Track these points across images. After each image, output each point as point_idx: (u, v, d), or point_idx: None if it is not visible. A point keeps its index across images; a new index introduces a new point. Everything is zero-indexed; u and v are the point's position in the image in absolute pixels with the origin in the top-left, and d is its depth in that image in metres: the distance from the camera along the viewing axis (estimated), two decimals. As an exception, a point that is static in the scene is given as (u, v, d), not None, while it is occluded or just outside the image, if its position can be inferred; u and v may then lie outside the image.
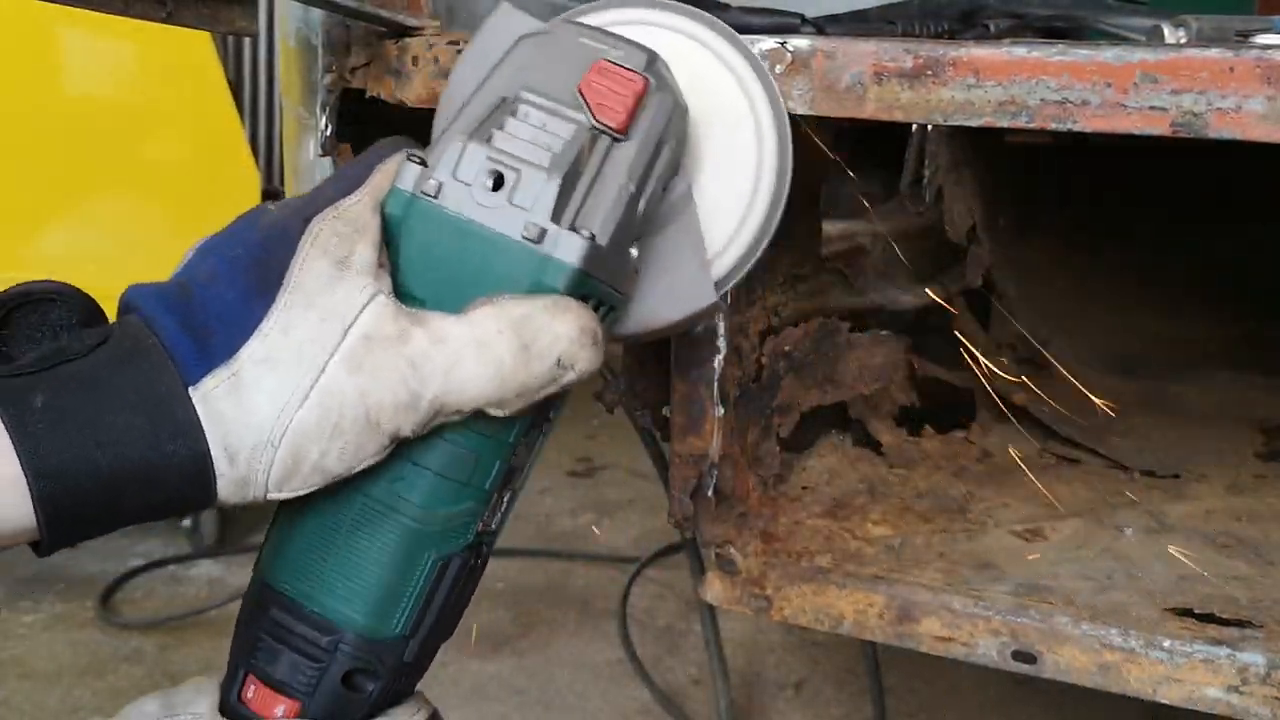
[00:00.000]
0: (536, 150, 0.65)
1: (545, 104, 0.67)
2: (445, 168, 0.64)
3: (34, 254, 2.34)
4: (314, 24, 0.97)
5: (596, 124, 0.66)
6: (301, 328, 0.59)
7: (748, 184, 0.77)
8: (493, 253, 0.63)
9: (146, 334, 0.59)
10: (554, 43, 0.70)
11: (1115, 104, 0.75)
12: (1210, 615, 0.88)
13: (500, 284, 0.63)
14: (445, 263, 0.64)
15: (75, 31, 2.33)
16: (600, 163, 0.66)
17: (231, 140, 2.42)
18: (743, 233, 0.76)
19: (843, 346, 1.15)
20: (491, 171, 0.64)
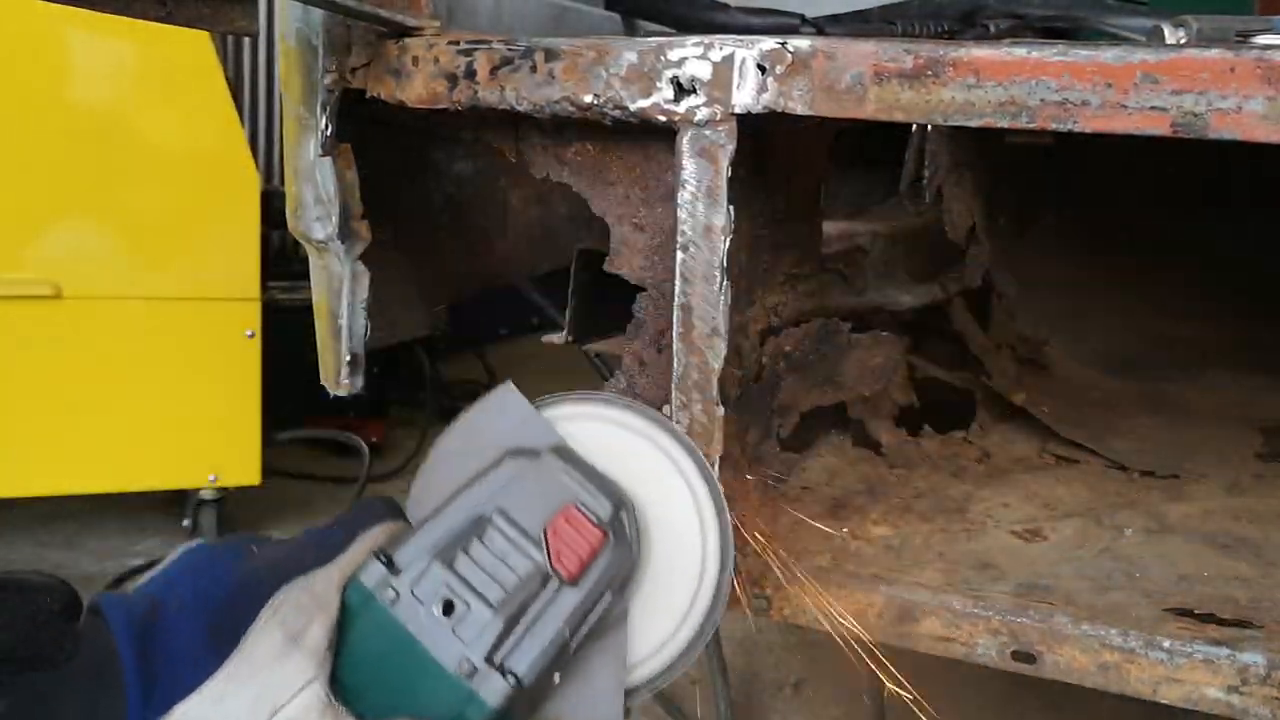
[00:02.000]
0: (490, 584, 0.72)
1: (512, 535, 0.74)
2: (406, 581, 0.71)
3: (34, 254, 2.34)
4: (314, 24, 0.97)
5: (552, 569, 0.73)
6: (235, 700, 0.65)
7: (685, 600, 0.82)
8: (426, 676, 0.70)
9: (111, 663, 0.65)
10: (537, 472, 0.77)
11: (1115, 104, 0.75)
12: (1210, 615, 0.88)
13: (424, 707, 0.70)
14: (382, 666, 0.70)
15: (75, 31, 2.33)
16: (545, 606, 0.73)
17: (231, 140, 2.42)
18: (673, 642, 0.82)
19: (843, 346, 1.15)
20: (445, 600, 0.71)
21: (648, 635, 0.81)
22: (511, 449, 0.78)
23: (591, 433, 0.83)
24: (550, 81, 0.89)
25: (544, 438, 0.80)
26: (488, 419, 0.82)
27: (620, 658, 0.79)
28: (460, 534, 0.73)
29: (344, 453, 3.03)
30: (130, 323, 2.40)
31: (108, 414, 2.41)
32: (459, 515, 0.74)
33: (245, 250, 2.45)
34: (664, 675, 0.82)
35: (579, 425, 0.83)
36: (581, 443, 0.81)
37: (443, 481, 0.78)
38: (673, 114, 0.85)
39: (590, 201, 0.95)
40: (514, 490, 0.76)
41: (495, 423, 0.82)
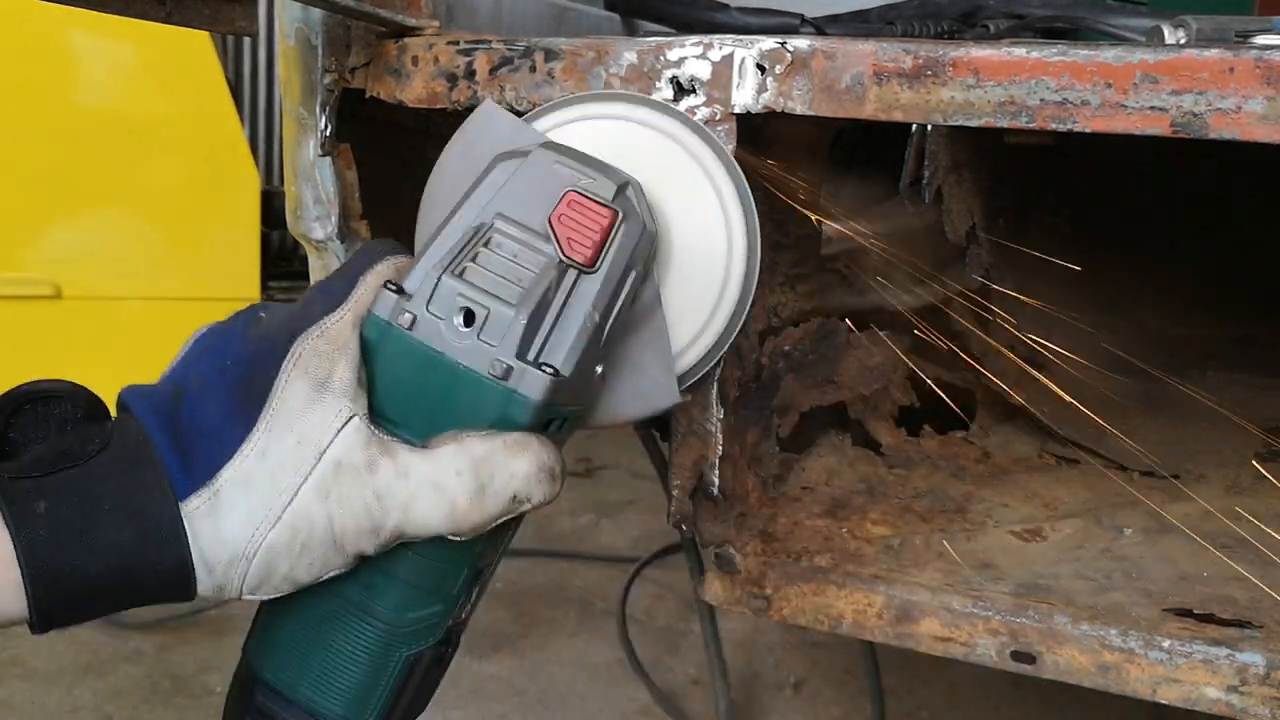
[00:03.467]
0: (506, 285, 0.69)
1: (517, 234, 0.71)
2: (420, 301, 0.68)
3: (36, 255, 2.34)
4: (314, 24, 0.97)
5: (565, 259, 0.70)
6: (277, 452, 0.64)
7: (716, 283, 0.80)
8: (461, 387, 0.68)
9: (143, 444, 0.64)
10: (529, 168, 0.73)
11: (1115, 104, 0.75)
12: (1210, 615, 0.88)
13: (467, 416, 0.68)
14: (416, 391, 0.68)
15: (75, 32, 2.33)
16: (567, 296, 0.70)
17: (231, 140, 2.42)
18: (708, 330, 0.80)
19: (842, 346, 1.15)
20: (463, 308, 0.68)
21: (682, 325, 0.79)
22: (500, 154, 0.75)
23: (586, 131, 0.80)
24: (550, 81, 0.89)
25: (532, 140, 0.77)
26: (474, 138, 0.79)
27: (664, 340, 0.77)
28: (464, 246, 0.70)
29: (344, 453, 3.03)
30: (130, 323, 2.41)
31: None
32: (459, 228, 0.71)
33: (245, 250, 2.45)
34: (706, 359, 0.80)
35: (573, 128, 0.80)
36: (579, 142, 0.78)
37: (439, 210, 0.76)
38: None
39: (590, 201, 0.95)
40: (509, 191, 0.72)
41: (483, 140, 0.78)
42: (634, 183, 0.74)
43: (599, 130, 0.81)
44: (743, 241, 0.80)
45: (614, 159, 0.75)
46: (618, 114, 0.81)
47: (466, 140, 0.79)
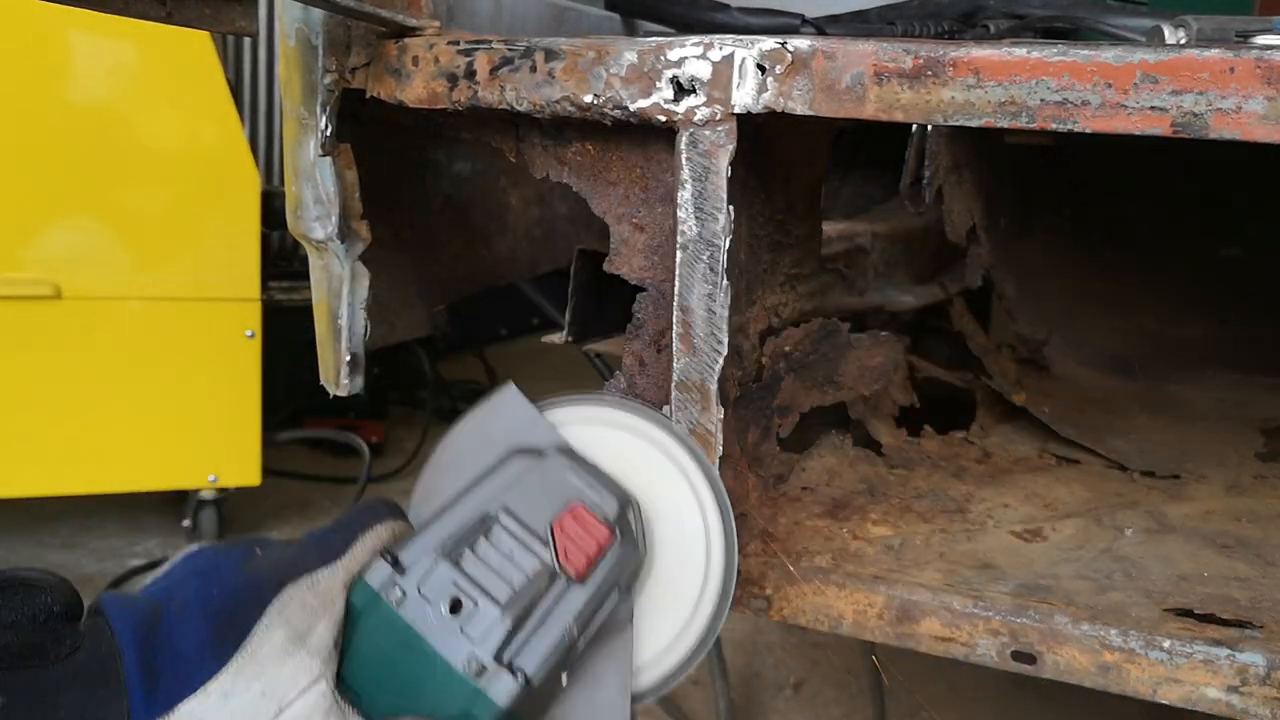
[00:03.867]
0: (497, 582, 0.72)
1: (518, 532, 0.73)
2: (412, 580, 0.70)
3: (35, 255, 2.34)
4: (314, 24, 0.97)
5: (559, 567, 0.73)
6: (240, 698, 0.64)
7: (690, 603, 0.82)
8: (433, 675, 0.69)
9: (111, 658, 0.63)
10: (543, 470, 0.77)
11: (1116, 104, 0.75)
12: (1210, 616, 0.88)
13: (430, 705, 0.69)
14: (389, 667, 0.69)
15: (75, 31, 2.33)
16: (552, 604, 0.73)
17: (231, 140, 2.42)
18: (678, 646, 0.82)
19: (843, 347, 1.15)
20: (452, 597, 0.70)
21: (653, 639, 0.81)
22: (516, 448, 0.78)
23: (592, 436, 0.83)
24: (550, 81, 0.89)
25: (547, 438, 0.80)
26: (490, 420, 0.82)
27: (627, 660, 0.79)
28: (466, 532, 0.73)
29: (344, 453, 3.04)
30: (130, 323, 2.41)
31: (108, 414, 2.42)
32: (465, 514, 0.74)
33: (245, 250, 2.45)
34: (670, 679, 0.82)
35: (580, 429, 0.83)
36: (583, 445, 0.81)
37: (446, 481, 0.78)
38: (672, 114, 0.85)
39: (590, 201, 0.95)
40: (520, 488, 0.75)
41: (498, 423, 0.81)
42: (635, 505, 0.78)
43: (603, 435, 0.84)
44: (720, 563, 0.82)
45: (612, 462, 0.79)
46: (620, 422, 0.84)
47: (482, 419, 0.82)
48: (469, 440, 0.81)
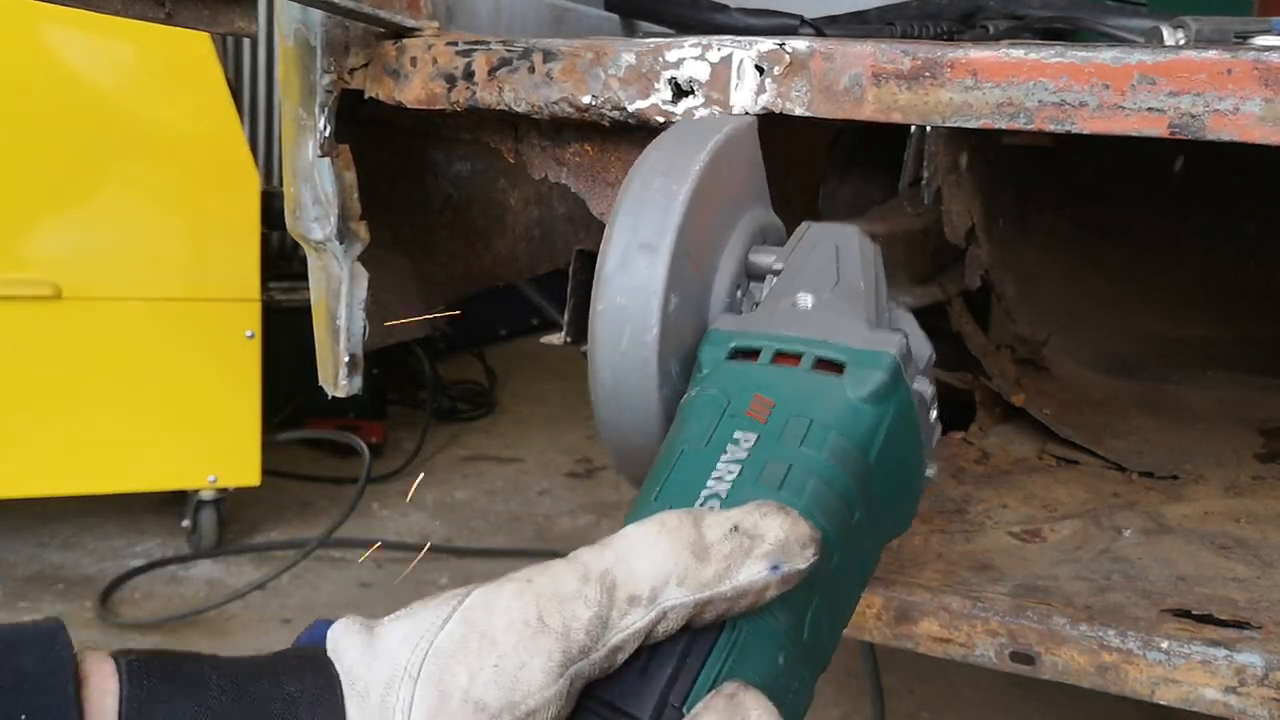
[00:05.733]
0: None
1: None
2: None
3: (35, 255, 2.34)
4: (313, 24, 0.97)
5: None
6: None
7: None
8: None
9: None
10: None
11: (1113, 105, 0.75)
12: (1208, 616, 0.88)
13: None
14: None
15: (75, 32, 2.33)
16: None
17: (231, 140, 2.42)
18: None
19: (841, 347, 1.15)
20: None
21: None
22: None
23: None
24: (549, 82, 0.89)
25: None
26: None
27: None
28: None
29: (344, 453, 3.04)
30: (130, 323, 2.41)
31: (107, 414, 2.42)
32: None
33: (245, 250, 2.45)
34: None
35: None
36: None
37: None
38: (671, 115, 0.86)
39: (589, 202, 0.95)
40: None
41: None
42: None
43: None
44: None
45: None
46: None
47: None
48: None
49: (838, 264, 0.70)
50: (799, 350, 0.63)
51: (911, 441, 0.65)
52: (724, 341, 0.65)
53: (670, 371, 0.66)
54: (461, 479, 3.20)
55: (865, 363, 0.62)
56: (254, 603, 2.44)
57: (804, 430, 0.59)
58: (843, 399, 0.61)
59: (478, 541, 2.81)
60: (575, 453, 3.43)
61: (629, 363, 0.65)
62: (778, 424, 0.59)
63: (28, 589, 2.46)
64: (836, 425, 0.59)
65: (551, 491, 3.18)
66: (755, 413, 0.60)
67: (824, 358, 0.62)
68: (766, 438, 0.58)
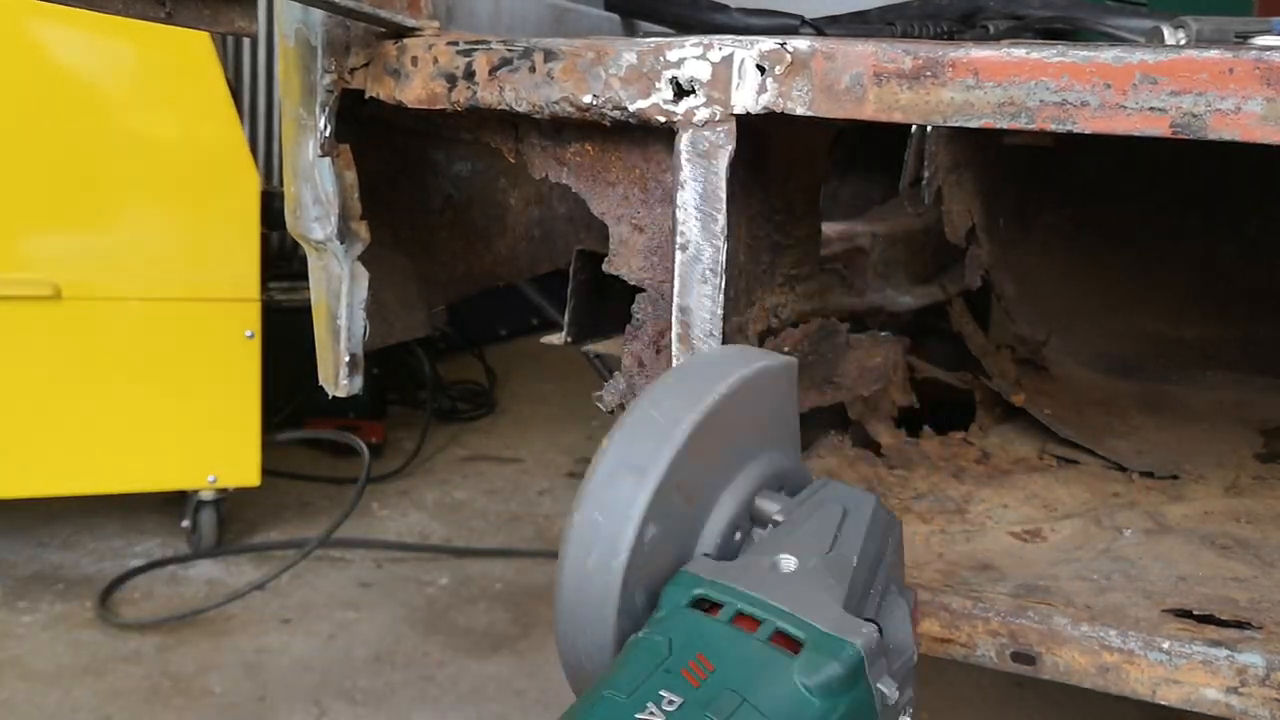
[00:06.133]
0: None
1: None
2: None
3: (34, 254, 2.34)
4: (313, 24, 0.97)
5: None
6: None
7: None
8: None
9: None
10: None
11: (1115, 105, 0.75)
12: (1209, 616, 0.88)
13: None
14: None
15: (76, 31, 2.33)
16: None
17: (231, 140, 2.42)
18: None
19: (842, 347, 1.15)
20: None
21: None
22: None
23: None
24: (549, 82, 0.89)
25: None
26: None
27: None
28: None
29: (344, 453, 3.04)
30: (130, 323, 2.41)
31: (107, 414, 2.42)
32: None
33: (245, 250, 2.45)
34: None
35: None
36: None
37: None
38: (672, 115, 0.85)
39: (589, 202, 0.95)
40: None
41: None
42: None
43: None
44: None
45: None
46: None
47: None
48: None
49: (839, 530, 0.66)
50: (760, 616, 0.60)
51: None
52: (689, 586, 0.62)
53: (634, 602, 0.62)
54: (461, 479, 3.20)
55: (824, 648, 0.58)
56: (254, 603, 2.44)
57: (733, 709, 0.55)
58: (788, 684, 0.57)
59: (478, 541, 2.81)
60: (575, 452, 3.43)
61: (592, 584, 0.62)
62: (709, 694, 0.56)
63: (28, 589, 2.46)
64: (771, 713, 0.56)
65: (551, 491, 3.18)
66: (691, 674, 0.57)
67: (783, 631, 0.59)
68: (691, 705, 0.55)
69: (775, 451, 0.72)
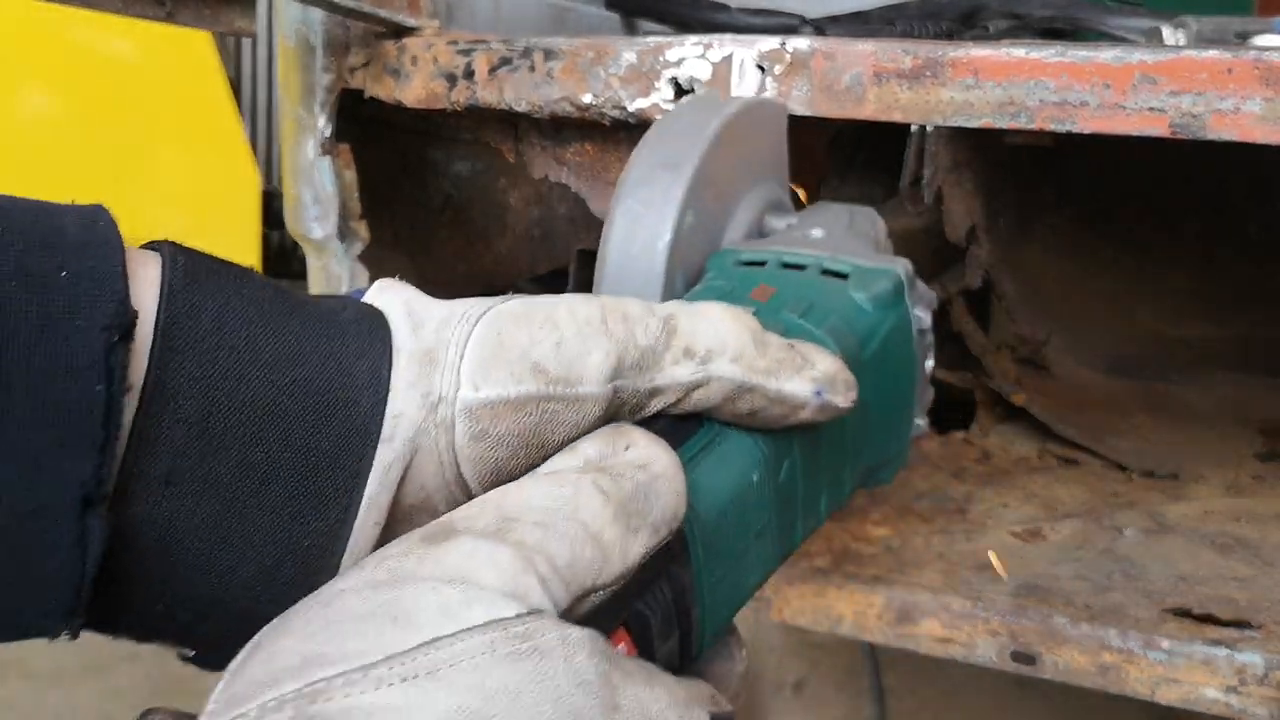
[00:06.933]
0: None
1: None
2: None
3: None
4: (313, 24, 0.97)
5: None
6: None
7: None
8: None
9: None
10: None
11: (1114, 105, 0.75)
12: (1209, 616, 0.88)
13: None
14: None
15: (76, 31, 2.33)
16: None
17: (231, 140, 2.42)
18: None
19: (842, 347, 1.15)
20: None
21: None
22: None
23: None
24: (549, 81, 0.89)
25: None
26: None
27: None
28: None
29: (344, 453, 3.03)
30: (130, 323, 2.41)
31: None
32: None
33: (245, 250, 2.45)
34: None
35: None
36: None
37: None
38: (672, 114, 0.85)
39: (589, 201, 0.95)
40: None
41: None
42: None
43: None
44: None
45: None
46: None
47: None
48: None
49: (850, 220, 0.71)
50: (805, 262, 0.63)
51: (905, 363, 0.64)
52: (732, 255, 0.66)
53: (675, 284, 0.65)
54: (462, 479, 3.20)
55: (870, 273, 0.63)
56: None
57: (804, 308, 0.59)
58: (845, 296, 0.61)
59: (478, 541, 2.81)
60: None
61: (637, 266, 0.64)
62: (777, 303, 0.59)
63: (28, 589, 2.46)
64: (837, 311, 0.59)
65: (552, 491, 3.17)
66: (757, 295, 0.60)
67: (829, 269, 0.63)
68: (764, 311, 0.57)
69: (775, 182, 0.76)
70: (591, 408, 0.44)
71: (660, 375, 0.47)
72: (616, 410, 0.46)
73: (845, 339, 0.58)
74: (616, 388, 0.45)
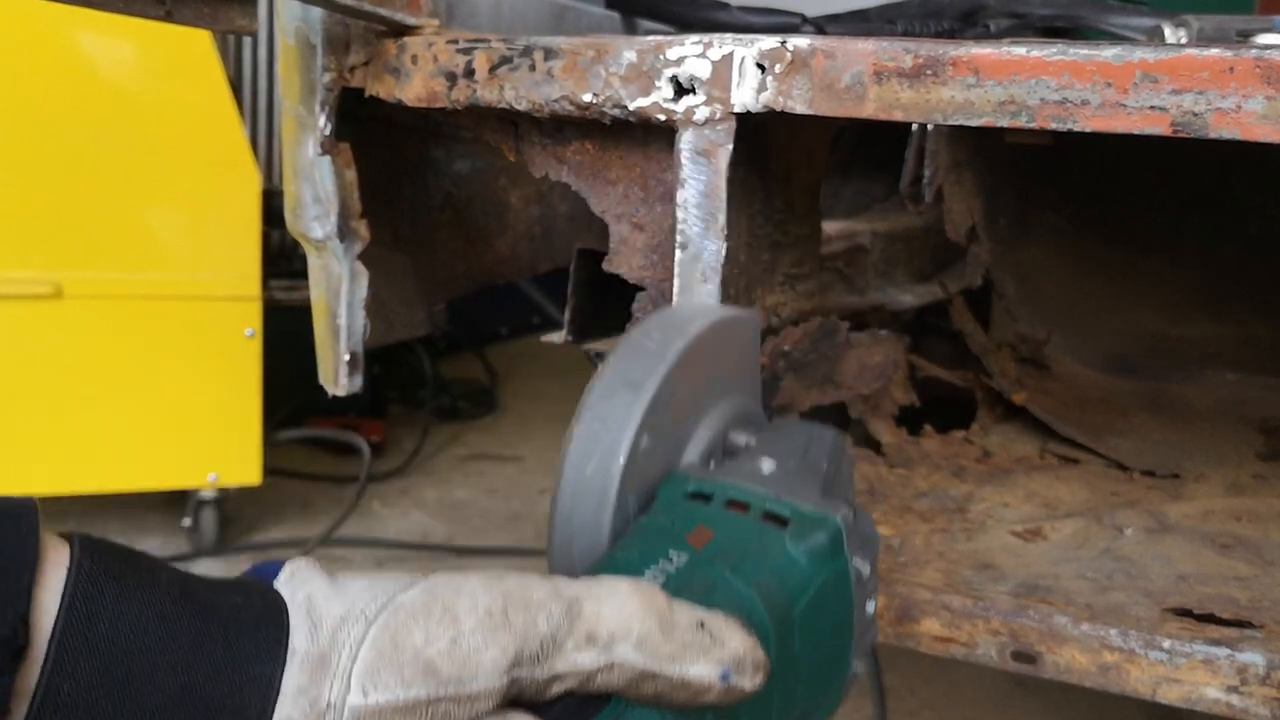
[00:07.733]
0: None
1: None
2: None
3: (35, 253, 2.34)
4: (313, 22, 0.97)
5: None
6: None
7: None
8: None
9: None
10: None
11: (1115, 104, 0.75)
12: (1210, 615, 0.88)
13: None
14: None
15: (75, 31, 2.33)
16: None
17: (231, 140, 2.42)
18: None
19: (842, 346, 1.15)
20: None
21: None
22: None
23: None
24: (549, 80, 0.89)
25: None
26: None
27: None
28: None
29: (344, 452, 3.04)
30: (130, 322, 2.40)
31: (108, 414, 2.42)
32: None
33: (245, 249, 2.45)
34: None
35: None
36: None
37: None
38: (672, 113, 0.85)
39: (590, 200, 0.95)
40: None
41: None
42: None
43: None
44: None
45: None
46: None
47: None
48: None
49: (807, 448, 0.72)
50: (749, 501, 0.65)
51: (842, 615, 0.65)
52: (682, 483, 0.67)
53: (626, 505, 0.67)
54: (462, 478, 3.20)
55: (809, 523, 0.64)
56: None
57: (737, 559, 0.60)
58: (781, 548, 0.62)
59: (479, 540, 2.81)
60: (576, 452, 3.42)
61: (592, 487, 0.66)
62: (711, 552, 0.61)
63: (28, 588, 2.46)
64: (769, 568, 0.61)
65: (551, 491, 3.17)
66: (694, 540, 0.62)
67: (772, 512, 0.64)
68: (697, 561, 0.60)
69: (743, 397, 0.77)
70: (485, 702, 0.46)
71: (561, 661, 0.48)
72: (516, 696, 0.48)
73: (775, 595, 0.60)
74: (514, 678, 0.47)
